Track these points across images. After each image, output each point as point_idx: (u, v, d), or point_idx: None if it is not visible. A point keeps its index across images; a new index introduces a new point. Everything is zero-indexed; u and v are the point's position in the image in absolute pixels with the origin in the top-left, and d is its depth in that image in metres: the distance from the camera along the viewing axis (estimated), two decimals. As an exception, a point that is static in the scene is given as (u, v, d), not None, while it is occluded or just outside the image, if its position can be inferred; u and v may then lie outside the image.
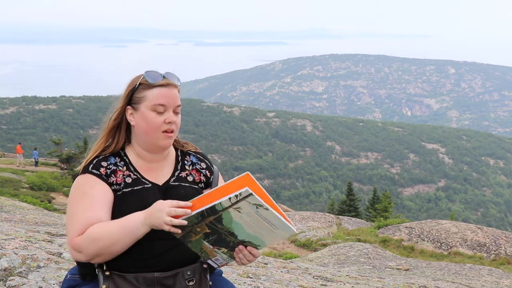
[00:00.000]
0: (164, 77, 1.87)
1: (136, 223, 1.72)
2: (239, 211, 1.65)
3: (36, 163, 32.96)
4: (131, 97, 1.87)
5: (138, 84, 1.86)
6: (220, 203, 1.63)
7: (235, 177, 1.79)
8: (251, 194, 1.61)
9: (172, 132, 1.87)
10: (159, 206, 1.70)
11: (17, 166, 30.30)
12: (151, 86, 1.85)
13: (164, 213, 1.66)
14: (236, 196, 1.61)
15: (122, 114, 1.90)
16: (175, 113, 1.88)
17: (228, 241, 1.74)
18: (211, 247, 1.76)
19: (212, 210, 1.65)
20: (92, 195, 1.79)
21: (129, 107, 1.88)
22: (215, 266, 1.85)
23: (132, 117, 1.88)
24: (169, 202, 1.70)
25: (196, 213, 1.66)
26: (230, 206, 1.63)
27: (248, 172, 1.87)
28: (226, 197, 1.63)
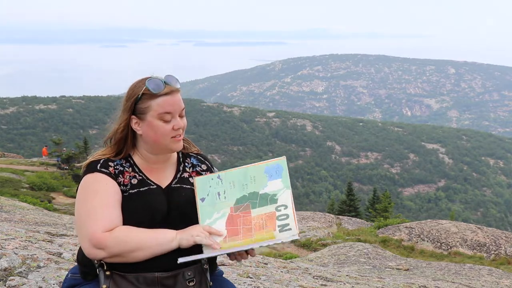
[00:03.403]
0: (165, 82, 1.85)
1: (168, 237, 1.78)
2: None
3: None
4: (135, 107, 1.86)
5: (141, 94, 1.85)
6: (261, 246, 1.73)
7: (272, 160, 1.89)
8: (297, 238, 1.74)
9: (180, 135, 1.90)
10: (193, 229, 1.81)
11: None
12: (155, 95, 1.83)
13: (193, 238, 1.78)
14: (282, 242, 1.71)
15: (127, 125, 1.89)
16: (180, 116, 1.90)
17: None
18: None
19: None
20: (106, 192, 1.81)
21: (133, 116, 1.87)
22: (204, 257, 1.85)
23: (138, 126, 1.88)
24: (203, 226, 1.83)
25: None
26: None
27: (285, 157, 1.91)
28: (272, 243, 1.72)
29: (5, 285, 2.84)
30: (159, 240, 1.76)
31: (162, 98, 1.83)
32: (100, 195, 1.80)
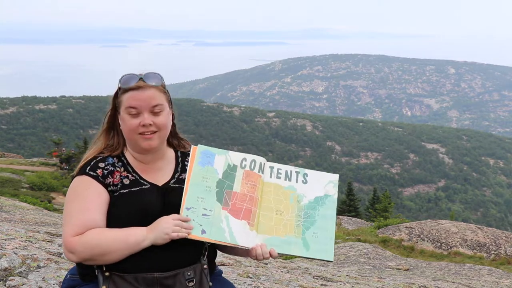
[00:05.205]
0: (141, 79, 1.87)
1: (138, 238, 1.77)
2: None
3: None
4: (116, 103, 1.91)
5: (118, 89, 1.90)
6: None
7: (193, 157, 1.89)
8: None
9: (151, 133, 1.87)
10: (162, 224, 1.78)
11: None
12: (125, 90, 1.87)
13: (169, 235, 1.77)
14: None
15: (112, 118, 1.94)
16: (154, 113, 1.86)
17: None
18: None
19: None
20: (86, 196, 1.81)
21: (117, 112, 1.93)
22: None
23: (120, 121, 1.92)
24: (172, 217, 1.80)
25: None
26: None
27: (196, 146, 1.94)
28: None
29: (5, 285, 2.84)
30: (128, 241, 1.75)
31: (130, 93, 1.85)
32: (79, 200, 1.81)
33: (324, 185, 1.97)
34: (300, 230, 1.88)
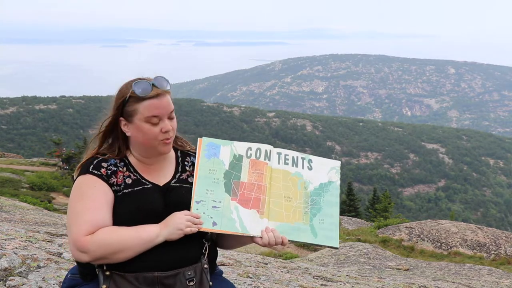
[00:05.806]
0: (153, 85, 1.82)
1: (151, 234, 1.77)
2: None
3: None
4: (123, 109, 1.85)
5: (128, 97, 1.83)
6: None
7: (199, 149, 1.92)
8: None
9: (169, 139, 1.87)
10: (176, 220, 1.80)
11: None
12: (142, 98, 1.81)
13: (183, 231, 1.79)
14: None
15: (114, 124, 1.89)
16: (170, 118, 1.86)
17: None
18: None
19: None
20: (93, 195, 1.80)
21: (121, 118, 1.86)
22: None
23: (127, 128, 1.87)
24: (184, 213, 1.82)
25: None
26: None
27: (201, 138, 1.97)
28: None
29: (5, 285, 2.84)
30: (141, 238, 1.75)
31: (148, 102, 1.80)
32: (86, 199, 1.79)
33: (327, 171, 2.01)
34: (307, 217, 1.91)
